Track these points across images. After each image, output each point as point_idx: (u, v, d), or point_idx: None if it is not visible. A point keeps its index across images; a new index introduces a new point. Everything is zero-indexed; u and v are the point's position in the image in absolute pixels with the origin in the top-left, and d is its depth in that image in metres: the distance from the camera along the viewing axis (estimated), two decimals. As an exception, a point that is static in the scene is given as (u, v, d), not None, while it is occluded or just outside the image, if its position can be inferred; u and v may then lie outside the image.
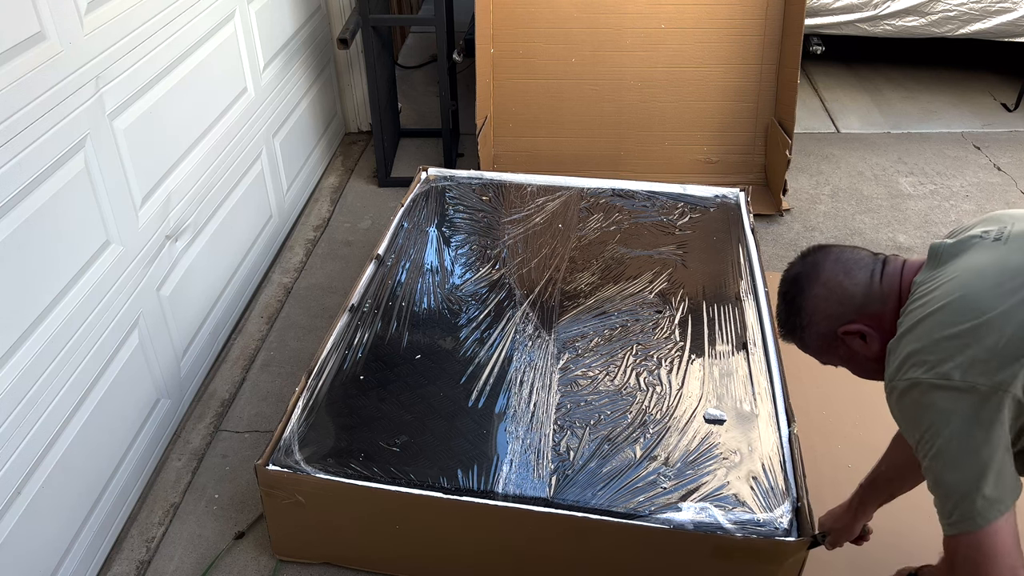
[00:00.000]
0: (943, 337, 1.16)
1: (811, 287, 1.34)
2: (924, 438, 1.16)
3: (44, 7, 1.68)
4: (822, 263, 1.35)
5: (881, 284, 1.30)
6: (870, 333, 1.30)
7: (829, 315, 1.32)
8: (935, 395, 1.14)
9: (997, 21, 3.83)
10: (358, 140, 3.97)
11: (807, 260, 1.38)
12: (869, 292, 1.30)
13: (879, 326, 1.29)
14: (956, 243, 1.28)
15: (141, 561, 2.01)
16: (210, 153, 2.48)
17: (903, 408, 1.20)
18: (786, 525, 1.65)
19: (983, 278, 1.18)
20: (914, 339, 1.19)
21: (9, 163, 1.60)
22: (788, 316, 1.39)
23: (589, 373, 2.06)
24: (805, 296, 1.34)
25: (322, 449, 1.84)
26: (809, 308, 1.34)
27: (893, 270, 1.32)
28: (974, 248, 1.24)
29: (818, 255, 1.37)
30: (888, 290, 1.30)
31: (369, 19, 3.21)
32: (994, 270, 1.18)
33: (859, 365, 1.38)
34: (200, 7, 2.37)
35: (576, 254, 2.52)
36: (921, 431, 1.17)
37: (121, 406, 2.05)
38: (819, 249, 1.39)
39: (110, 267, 1.97)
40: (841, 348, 1.35)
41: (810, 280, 1.34)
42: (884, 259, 1.34)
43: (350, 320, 2.23)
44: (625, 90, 3.35)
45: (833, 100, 4.24)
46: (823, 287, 1.33)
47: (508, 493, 1.74)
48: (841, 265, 1.33)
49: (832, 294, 1.32)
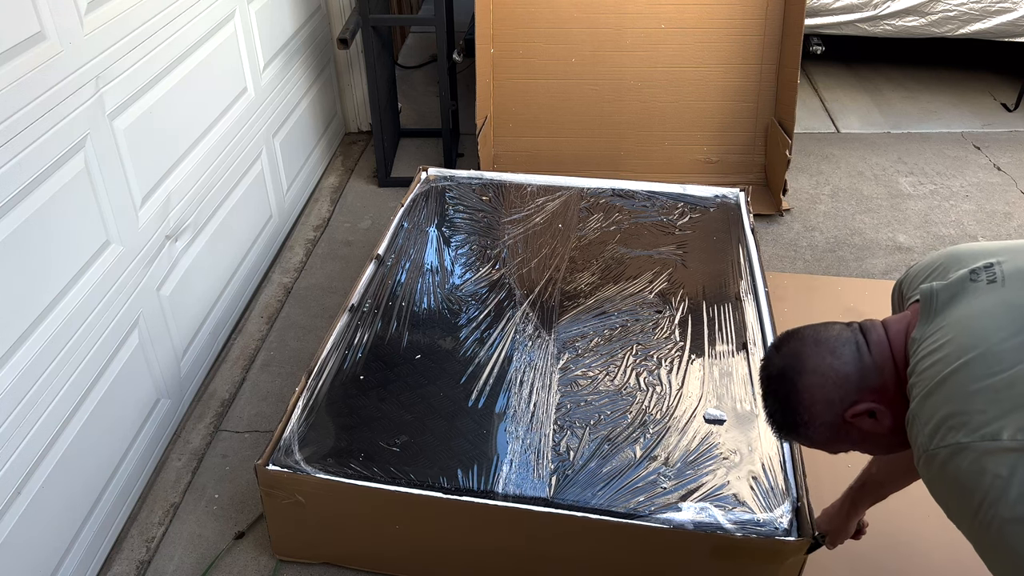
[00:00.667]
0: (976, 391, 1.06)
1: (801, 378, 1.23)
2: (983, 508, 1.03)
3: (44, 7, 1.68)
4: (802, 350, 1.25)
5: (871, 354, 1.21)
6: (879, 408, 1.20)
7: (831, 402, 1.21)
8: (987, 460, 1.03)
9: (997, 21, 3.83)
10: (358, 140, 3.97)
11: (784, 352, 1.27)
12: (862, 367, 1.21)
13: (885, 398, 1.19)
14: (946, 288, 1.19)
15: (141, 561, 2.01)
16: (210, 153, 2.48)
17: (948, 477, 1.08)
18: (786, 525, 1.66)
19: (999, 327, 1.09)
20: (944, 400, 1.09)
21: (9, 163, 1.60)
22: (785, 415, 1.26)
23: (589, 373, 2.06)
24: (798, 390, 1.23)
25: (322, 449, 1.84)
26: (807, 401, 1.22)
27: (878, 337, 1.22)
28: (970, 293, 1.16)
29: (793, 344, 1.27)
30: (881, 359, 1.21)
31: (369, 19, 3.21)
32: (1007, 318, 1.10)
33: (874, 444, 1.27)
34: (200, 7, 2.37)
35: (576, 254, 2.52)
36: (977, 500, 1.04)
37: (121, 406, 2.05)
38: (791, 337, 1.28)
39: (110, 267, 1.97)
40: (852, 432, 1.24)
41: (797, 372, 1.23)
42: (861, 328, 1.25)
43: (350, 320, 2.23)
44: (625, 90, 3.35)
45: (833, 100, 4.24)
46: (814, 375, 1.22)
47: (508, 493, 1.74)
48: (823, 347, 1.23)
49: (827, 380, 1.21)
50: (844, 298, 2.80)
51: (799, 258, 3.05)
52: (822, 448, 1.30)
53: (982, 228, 3.21)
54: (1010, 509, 1.00)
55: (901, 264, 3.01)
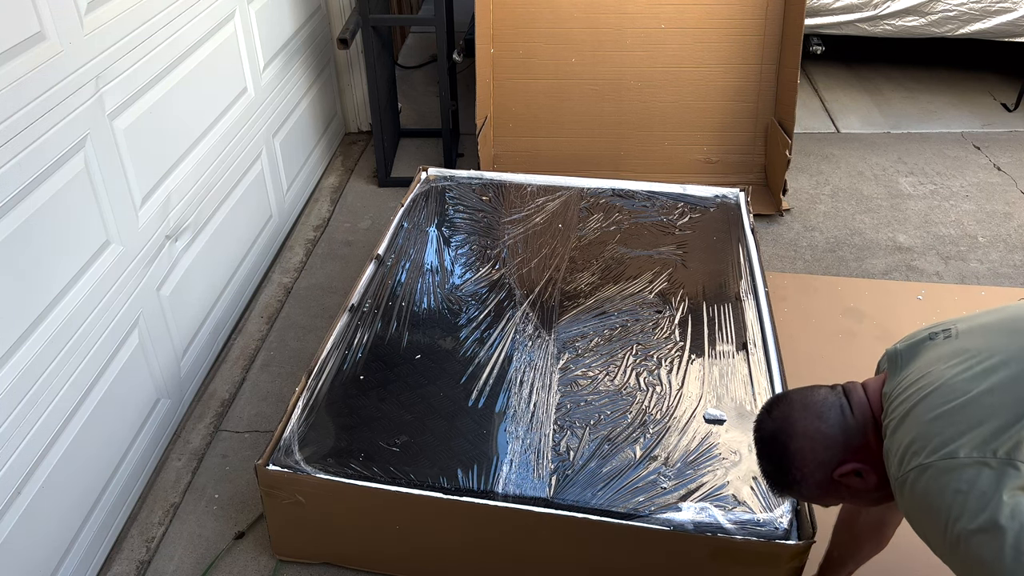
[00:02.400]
0: (934, 418, 1.16)
1: (792, 442, 1.32)
2: (949, 524, 1.10)
3: (44, 7, 1.68)
4: (791, 415, 1.33)
5: (854, 415, 1.30)
6: (864, 468, 1.28)
7: (820, 463, 1.30)
8: (948, 477, 1.11)
9: (997, 21, 3.83)
10: (358, 140, 3.97)
11: (774, 416, 1.36)
12: (846, 429, 1.29)
13: (868, 458, 1.28)
14: (909, 347, 1.30)
15: (141, 561, 2.01)
16: (210, 153, 2.48)
17: (917, 499, 1.16)
18: (786, 525, 1.66)
19: (953, 367, 1.20)
20: (907, 431, 1.19)
21: (9, 163, 1.60)
22: (779, 475, 1.36)
23: (589, 373, 2.06)
24: (790, 453, 1.32)
25: (322, 449, 1.84)
26: (798, 463, 1.31)
27: (859, 399, 1.31)
28: (930, 348, 1.27)
29: (783, 407, 1.35)
30: (862, 419, 1.29)
31: (369, 19, 3.21)
32: (959, 358, 1.20)
33: (863, 499, 1.36)
34: (200, 7, 2.37)
35: (576, 254, 2.52)
36: (943, 518, 1.11)
37: (121, 406, 2.05)
38: (780, 401, 1.37)
39: (110, 267, 1.97)
40: (842, 489, 1.33)
41: (788, 435, 1.32)
42: (843, 390, 1.34)
43: (350, 320, 2.23)
44: (625, 90, 3.35)
45: (833, 100, 4.24)
46: (804, 439, 1.31)
47: (508, 493, 1.74)
48: (811, 411, 1.32)
49: (816, 443, 1.30)
50: (844, 298, 2.80)
51: (799, 258, 3.05)
52: (815, 503, 1.40)
53: (982, 228, 3.21)
54: (972, 520, 1.07)
55: (901, 264, 3.01)
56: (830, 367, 2.48)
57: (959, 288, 2.86)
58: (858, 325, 2.66)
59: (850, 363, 2.49)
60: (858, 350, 2.55)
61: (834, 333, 2.63)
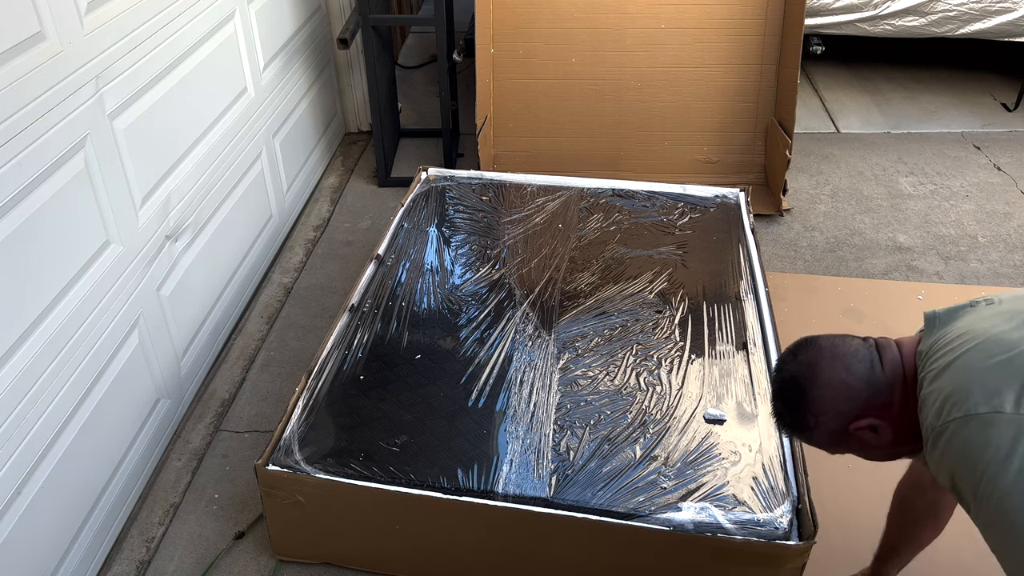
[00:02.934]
0: (981, 369, 1.11)
1: (813, 389, 1.29)
2: (984, 479, 1.07)
3: (44, 7, 1.68)
4: (818, 362, 1.30)
5: (884, 372, 1.26)
6: (881, 425, 1.26)
7: (838, 414, 1.28)
8: (991, 431, 1.07)
9: (997, 21, 3.83)
10: (358, 140, 3.97)
11: (800, 360, 1.33)
12: (873, 384, 1.26)
13: (888, 415, 1.25)
14: (948, 311, 1.27)
15: (141, 561, 2.01)
16: (210, 153, 2.48)
17: (954, 450, 1.12)
18: (786, 525, 1.65)
19: (999, 324, 1.16)
20: (949, 381, 1.15)
21: (9, 163, 1.60)
22: (793, 418, 1.34)
23: (589, 373, 2.06)
24: (808, 398, 1.29)
25: (322, 449, 1.84)
26: (815, 410, 1.29)
27: (892, 356, 1.28)
28: (970, 312, 1.24)
29: (811, 353, 1.32)
30: (892, 376, 1.26)
31: (369, 19, 3.21)
32: (1003, 318, 1.17)
33: (872, 453, 1.34)
34: (200, 7, 2.37)
35: (576, 254, 2.52)
36: (980, 472, 1.08)
37: (121, 406, 2.05)
38: (809, 345, 1.34)
39: (110, 267, 1.97)
40: (853, 441, 1.31)
41: (810, 382, 1.30)
42: (877, 345, 1.31)
43: (350, 320, 2.23)
44: (625, 90, 3.35)
45: (833, 100, 4.24)
46: (826, 388, 1.28)
47: (508, 493, 1.74)
48: (839, 361, 1.29)
49: (838, 393, 1.27)
50: (844, 298, 2.80)
51: (799, 258, 3.05)
52: (822, 448, 1.36)
53: (982, 228, 3.21)
54: (1010, 480, 1.04)
55: (901, 264, 3.01)
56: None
57: (959, 288, 2.86)
58: (858, 325, 2.66)
59: (850, 363, 2.49)
60: (858, 350, 2.55)
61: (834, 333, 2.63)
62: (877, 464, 1.44)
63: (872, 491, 2.02)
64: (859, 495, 2.03)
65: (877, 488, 2.02)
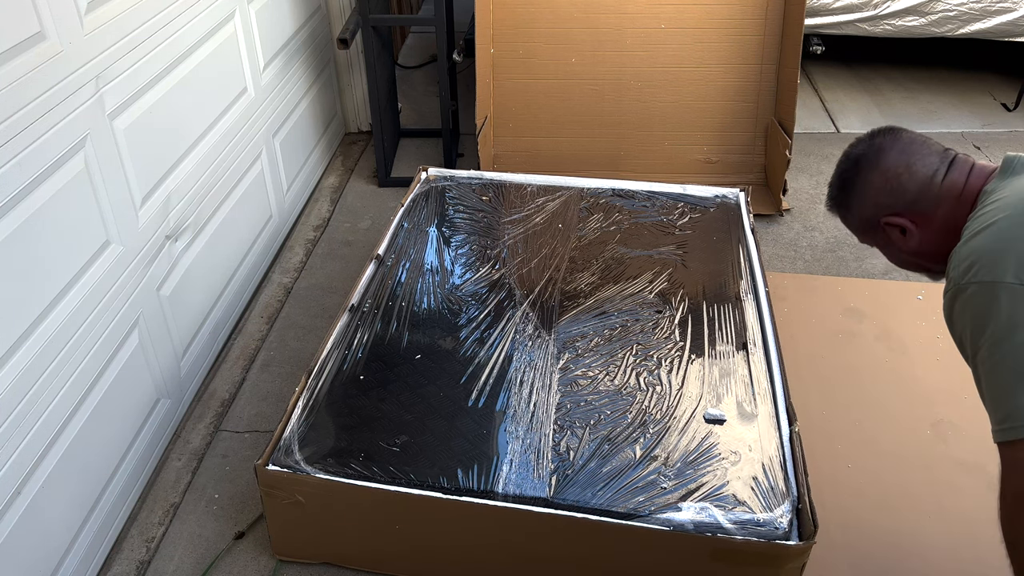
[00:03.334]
0: (1016, 238, 1.13)
1: (869, 172, 1.31)
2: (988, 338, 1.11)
3: (44, 7, 1.68)
4: (887, 150, 1.32)
5: (941, 185, 1.27)
6: (911, 229, 1.28)
7: (878, 204, 1.30)
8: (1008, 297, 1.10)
9: (997, 21, 3.83)
10: (358, 140, 3.97)
11: (874, 142, 1.35)
12: (925, 191, 1.28)
13: (923, 224, 1.27)
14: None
15: (141, 561, 2.01)
16: (210, 153, 2.48)
17: (967, 307, 1.15)
18: (786, 525, 1.65)
19: None
20: (984, 243, 1.16)
21: (9, 163, 1.60)
22: (839, 192, 1.37)
23: (589, 373, 2.06)
24: (861, 179, 1.32)
25: (322, 449, 1.84)
26: (860, 191, 1.32)
27: (958, 175, 1.28)
28: None
29: (887, 139, 1.34)
30: (946, 193, 1.27)
31: (369, 19, 3.21)
32: None
33: (893, 254, 1.37)
34: (200, 7, 2.37)
35: (576, 254, 2.52)
36: (987, 332, 1.11)
37: (121, 406, 2.05)
38: (889, 132, 1.35)
39: (110, 267, 1.97)
40: (880, 235, 1.34)
41: (870, 164, 1.32)
42: (952, 159, 1.30)
43: (350, 320, 2.23)
44: (625, 90, 3.35)
45: (833, 100, 4.24)
46: (881, 175, 1.30)
47: (508, 493, 1.74)
48: (905, 157, 1.30)
49: (887, 184, 1.29)
50: (844, 298, 2.80)
51: (799, 258, 3.05)
52: (853, 232, 1.41)
53: (982, 228, 3.21)
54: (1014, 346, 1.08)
55: (901, 264, 3.01)
56: (830, 367, 2.48)
57: (959, 288, 2.86)
58: (858, 325, 2.66)
59: (850, 363, 2.49)
60: (858, 350, 2.55)
61: (834, 333, 2.63)
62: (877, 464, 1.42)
63: (872, 491, 2.02)
64: (859, 495, 2.03)
65: (877, 488, 2.03)
